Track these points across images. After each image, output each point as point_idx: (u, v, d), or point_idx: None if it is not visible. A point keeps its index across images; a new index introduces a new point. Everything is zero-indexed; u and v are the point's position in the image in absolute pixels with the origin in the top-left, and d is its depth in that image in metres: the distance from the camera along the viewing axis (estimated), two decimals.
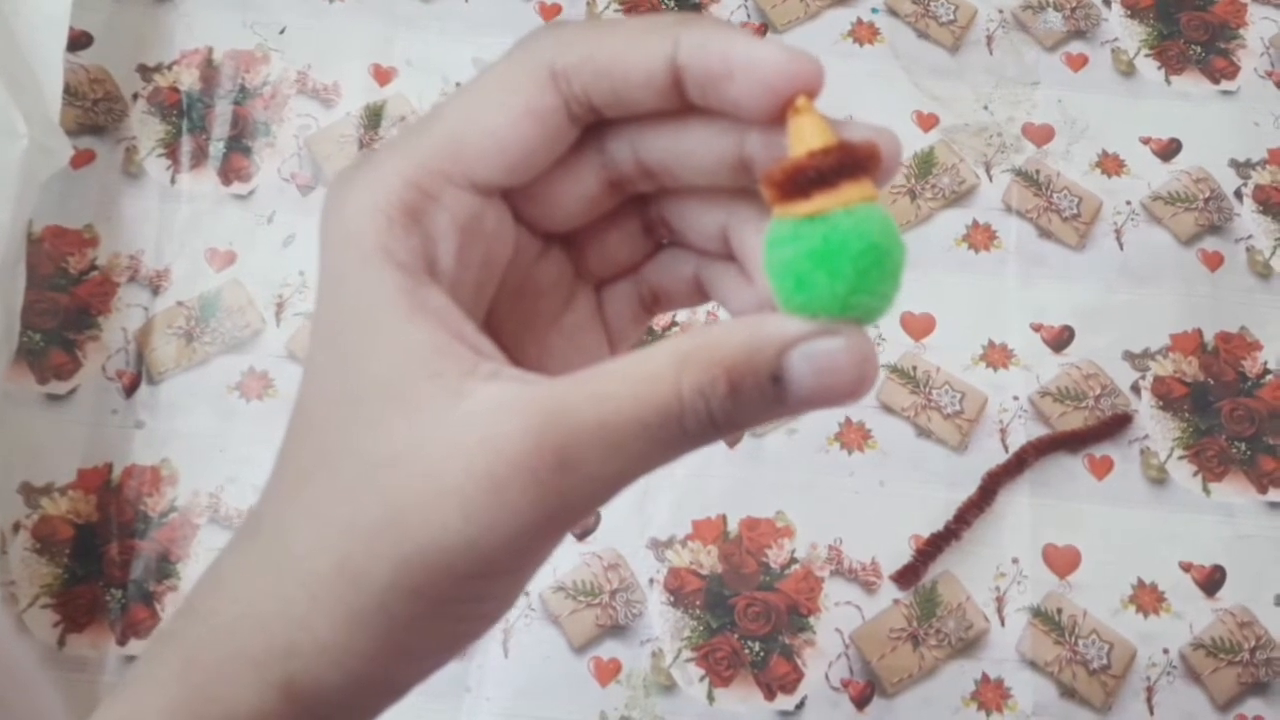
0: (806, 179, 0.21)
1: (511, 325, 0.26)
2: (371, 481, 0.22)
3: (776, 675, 0.49)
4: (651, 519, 0.51)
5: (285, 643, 0.22)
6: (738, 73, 0.22)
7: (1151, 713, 0.48)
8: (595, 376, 0.22)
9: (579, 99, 0.23)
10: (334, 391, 0.23)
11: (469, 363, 0.22)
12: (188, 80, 0.58)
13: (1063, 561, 0.51)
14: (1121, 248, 0.57)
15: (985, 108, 0.60)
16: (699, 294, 0.27)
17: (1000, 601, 0.50)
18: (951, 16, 0.61)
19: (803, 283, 0.21)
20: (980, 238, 0.57)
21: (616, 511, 0.51)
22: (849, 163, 0.21)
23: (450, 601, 0.22)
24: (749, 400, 0.21)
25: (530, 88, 0.23)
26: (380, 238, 0.22)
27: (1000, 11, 0.62)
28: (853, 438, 0.53)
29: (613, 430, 0.21)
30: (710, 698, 0.48)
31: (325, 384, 0.23)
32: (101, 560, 0.49)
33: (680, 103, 0.23)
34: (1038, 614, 0.50)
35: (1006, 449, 0.52)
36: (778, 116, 0.22)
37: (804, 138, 0.22)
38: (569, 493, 0.21)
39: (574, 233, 0.27)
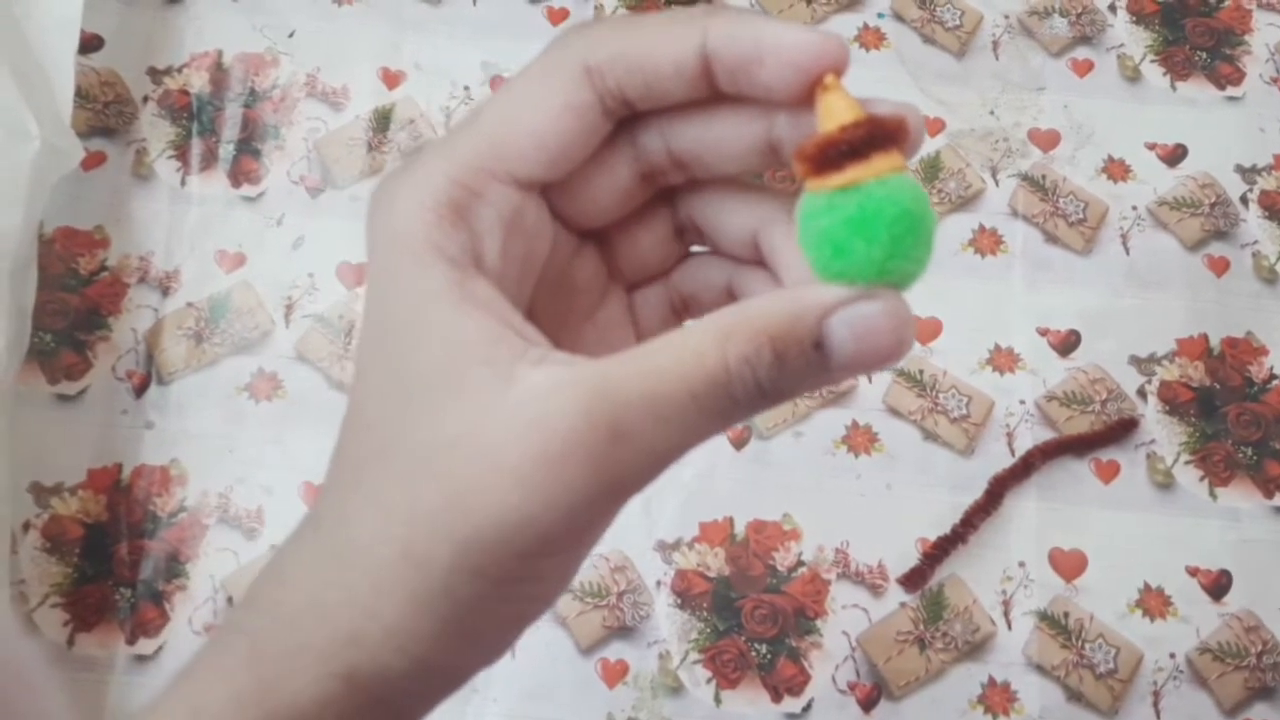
0: (839, 152, 0.22)
1: (548, 320, 0.26)
2: (429, 467, 0.23)
3: (783, 678, 0.49)
4: (658, 521, 0.51)
5: (349, 631, 0.23)
6: (767, 56, 0.23)
7: (1158, 717, 0.48)
8: (642, 353, 0.22)
9: (613, 93, 0.24)
10: (388, 384, 0.24)
11: (518, 349, 0.22)
12: (198, 83, 0.59)
13: (1069, 565, 0.51)
14: (1127, 252, 0.57)
15: (991, 113, 0.60)
16: (729, 301, 0.28)
17: (1007, 605, 0.50)
18: (957, 22, 0.62)
19: (840, 250, 0.22)
20: (986, 242, 0.57)
21: (623, 514, 0.51)
22: (879, 135, 0.22)
23: (511, 581, 0.23)
24: (794, 367, 0.22)
25: (566, 85, 0.24)
26: (429, 234, 0.23)
27: (1006, 17, 0.62)
28: (860, 441, 0.53)
29: (663, 402, 0.22)
30: (717, 700, 0.48)
31: (379, 378, 0.24)
32: (111, 560, 0.50)
33: (710, 92, 0.24)
34: (1044, 618, 0.50)
35: (1013, 453, 0.52)
36: (806, 97, 0.23)
37: (834, 114, 0.22)
38: (622, 465, 0.22)
39: (607, 233, 0.27)
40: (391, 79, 0.59)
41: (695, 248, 0.28)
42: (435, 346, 0.23)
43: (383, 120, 0.58)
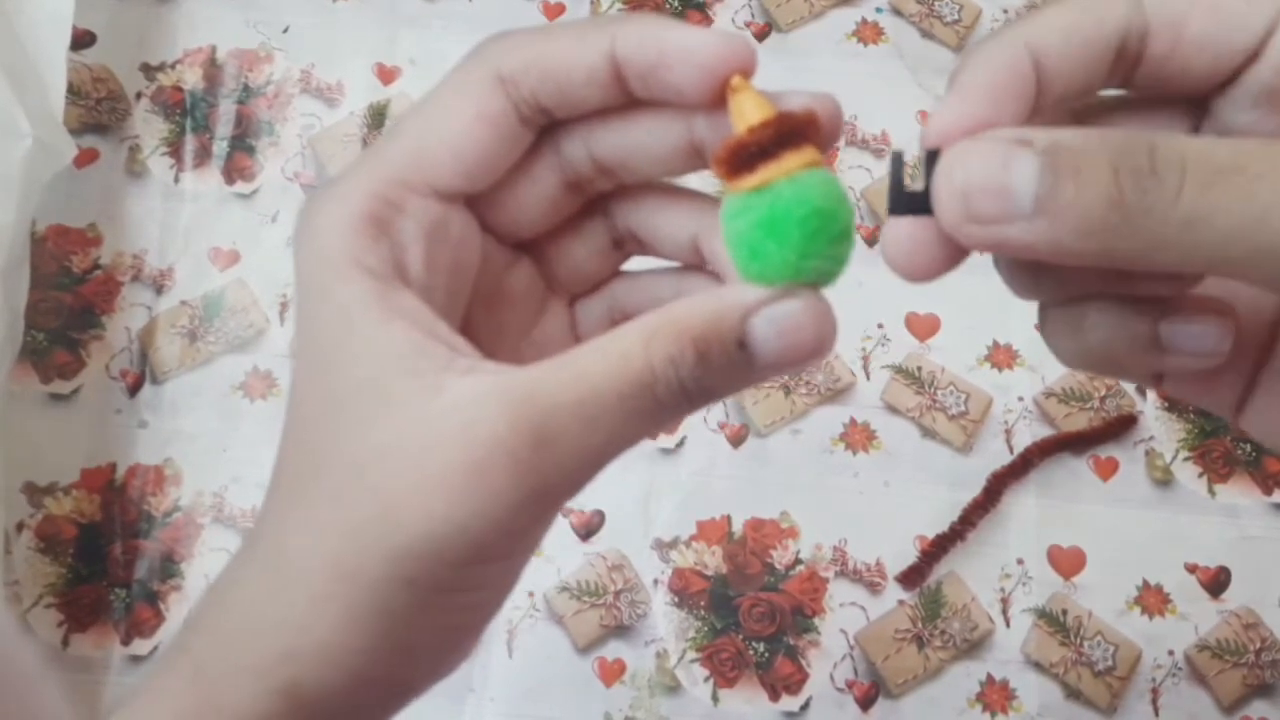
0: (749, 153, 0.22)
1: (485, 335, 0.27)
2: (359, 480, 0.23)
3: (781, 676, 0.49)
4: (656, 519, 0.51)
5: (285, 647, 0.23)
6: (674, 60, 0.23)
7: (1157, 714, 0.48)
8: (568, 358, 0.22)
9: (528, 101, 0.24)
10: (318, 398, 0.24)
11: (444, 359, 0.23)
12: (191, 79, 0.58)
13: (1068, 563, 0.51)
14: None
15: None
16: None
17: (1005, 602, 0.50)
18: (956, 16, 0.61)
19: (756, 252, 0.22)
20: None
21: (621, 512, 0.51)
22: (787, 132, 0.22)
23: (445, 591, 0.23)
24: (718, 366, 0.22)
25: (480, 95, 0.24)
26: (350, 248, 0.23)
27: (1005, 11, 0.62)
28: (857, 438, 0.52)
29: (588, 404, 0.22)
30: (715, 698, 0.48)
31: (310, 392, 0.24)
32: (105, 560, 0.49)
33: (625, 98, 0.24)
34: (1043, 615, 0.50)
35: (1011, 450, 0.52)
36: (719, 99, 0.23)
37: (744, 114, 0.23)
38: (549, 470, 0.22)
39: (542, 245, 0.27)
40: (386, 75, 0.59)
41: (634, 261, 0.28)
42: (362, 359, 0.23)
43: (378, 116, 0.58)
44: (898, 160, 0.23)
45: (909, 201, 0.23)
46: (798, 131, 0.22)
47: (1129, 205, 0.20)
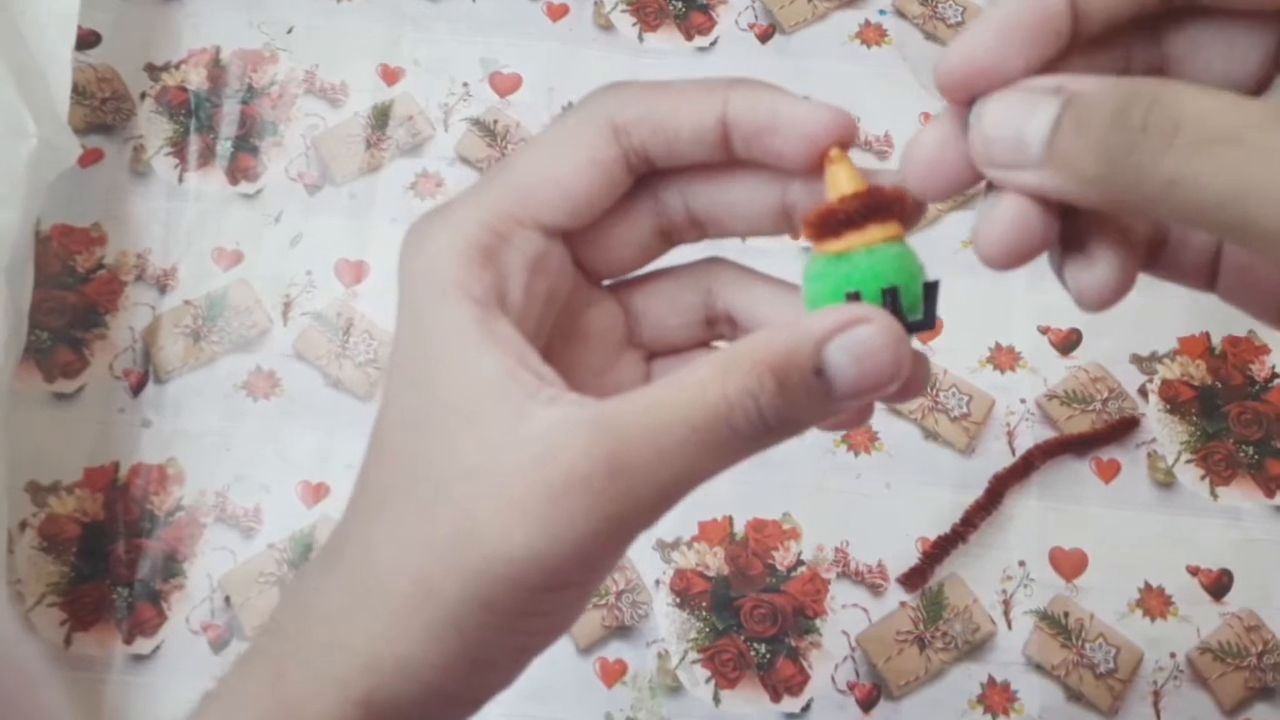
0: (836, 220, 0.24)
1: (559, 368, 0.27)
2: (445, 498, 0.23)
3: (783, 677, 0.49)
4: None
5: (366, 659, 0.24)
6: (781, 127, 0.24)
7: (1158, 717, 0.48)
8: (645, 390, 0.23)
9: (637, 151, 0.25)
10: (410, 416, 0.25)
11: (532, 387, 0.23)
12: (195, 80, 0.58)
13: (1069, 565, 0.51)
14: None
15: None
16: None
17: (1007, 604, 0.50)
18: (959, 18, 0.61)
19: None
20: None
21: None
22: (875, 206, 0.24)
23: (519, 615, 0.24)
24: (796, 395, 0.23)
25: (593, 140, 0.25)
26: (457, 274, 0.24)
27: None
28: (860, 440, 0.53)
29: (661, 435, 0.22)
30: (716, 699, 0.48)
31: (402, 409, 0.25)
32: (108, 559, 0.49)
33: (726, 155, 0.25)
34: (1044, 617, 0.50)
35: (1014, 452, 0.52)
36: (816, 166, 0.25)
37: (838, 184, 0.25)
38: (623, 500, 0.22)
39: (632, 294, 0.29)
40: (390, 75, 0.59)
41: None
42: (456, 380, 0.24)
43: (382, 117, 0.58)
44: (931, 288, 0.25)
45: (909, 329, 0.24)
46: (884, 206, 0.24)
47: (1115, 159, 0.20)
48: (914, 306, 0.24)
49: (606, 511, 0.22)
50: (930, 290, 0.24)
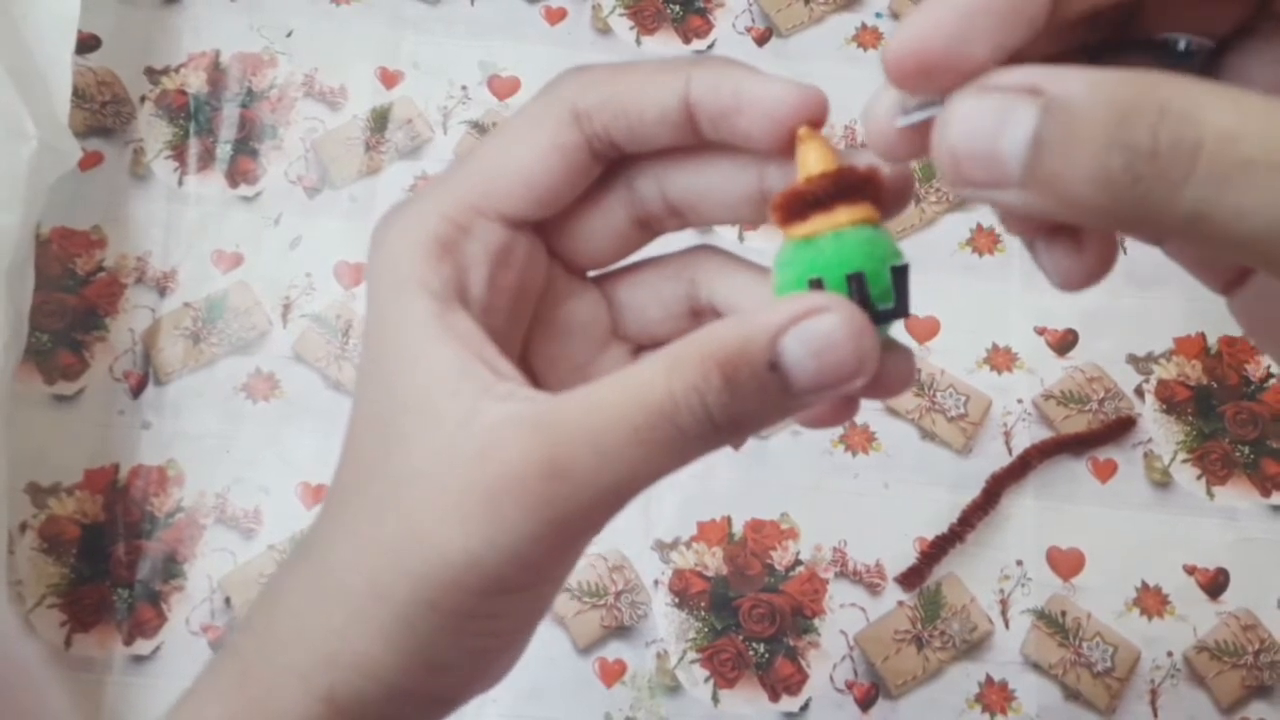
0: (803, 203, 0.22)
1: (538, 362, 0.27)
2: (396, 499, 0.23)
3: (781, 677, 0.49)
4: (656, 520, 0.51)
5: (325, 655, 0.24)
6: (746, 106, 0.23)
7: (1155, 715, 0.48)
8: (588, 388, 0.22)
9: (600, 136, 0.24)
10: (372, 414, 0.24)
11: (486, 382, 0.23)
12: (195, 83, 0.59)
13: (1067, 564, 0.51)
14: (1125, 251, 0.57)
15: None
16: None
17: (1004, 604, 0.50)
18: None
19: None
20: (984, 241, 0.57)
21: (621, 513, 0.51)
22: (844, 186, 0.22)
23: (466, 617, 0.23)
24: (747, 392, 0.21)
25: (554, 126, 0.24)
26: (415, 267, 0.24)
27: None
28: (857, 440, 0.53)
29: (602, 435, 0.21)
30: (715, 699, 0.48)
31: (366, 407, 0.25)
32: (108, 560, 0.50)
33: (694, 138, 0.24)
34: (1042, 616, 0.50)
35: (1010, 452, 0.52)
36: (787, 147, 0.23)
37: (806, 164, 0.23)
38: (563, 503, 0.21)
39: (615, 285, 0.28)
40: (389, 78, 0.59)
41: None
42: (413, 376, 0.23)
43: (380, 120, 0.58)
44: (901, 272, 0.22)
45: (879, 318, 0.22)
46: (856, 186, 0.22)
47: (1117, 189, 0.17)
48: (884, 295, 0.22)
49: (545, 515, 0.21)
50: (899, 275, 0.22)
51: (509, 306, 0.25)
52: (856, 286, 0.22)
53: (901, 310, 0.22)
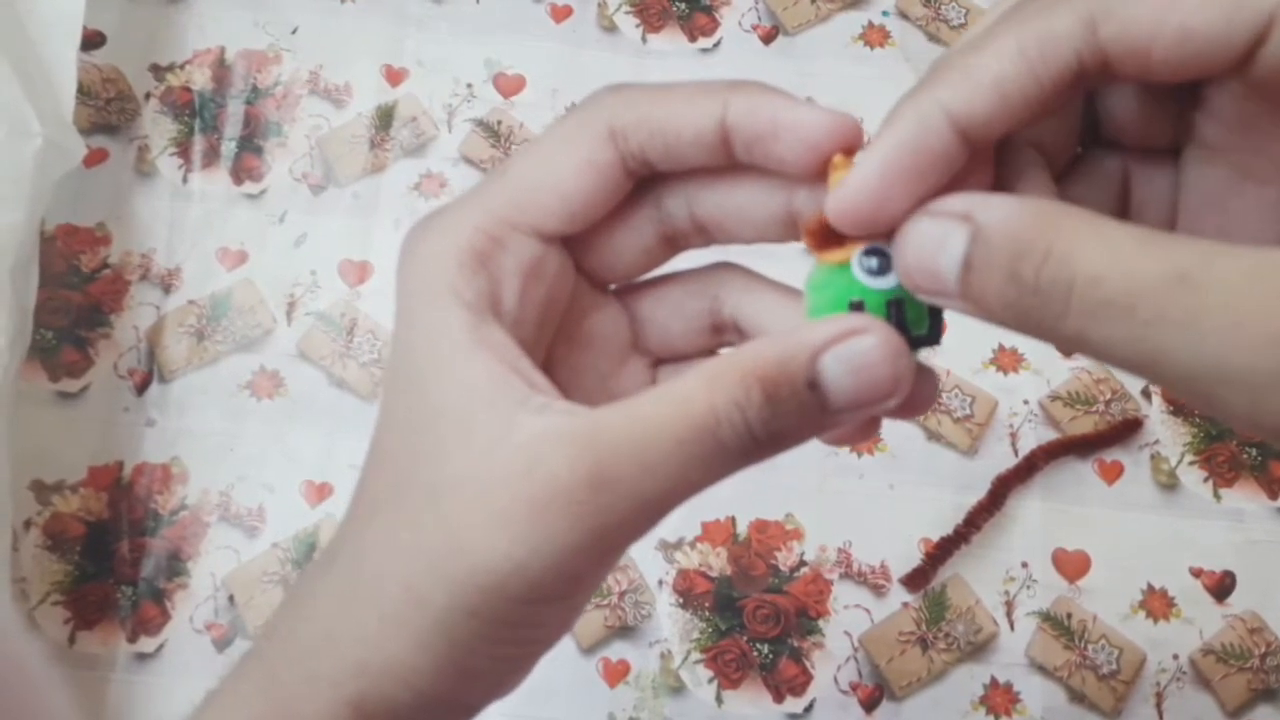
0: (836, 229, 0.23)
1: (562, 374, 0.27)
2: (434, 507, 0.23)
3: (785, 678, 0.49)
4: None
5: (356, 661, 0.24)
6: (782, 132, 0.24)
7: (1161, 718, 0.48)
8: (631, 401, 0.22)
9: (635, 154, 0.25)
10: (403, 422, 0.25)
11: (522, 394, 0.23)
12: (200, 80, 0.59)
13: (1072, 566, 0.51)
14: None
15: None
16: None
17: (1009, 605, 0.50)
18: (962, 20, 0.61)
19: None
20: None
21: None
22: None
23: (506, 625, 0.23)
24: (787, 408, 0.22)
25: (590, 142, 0.25)
26: (449, 279, 0.24)
27: None
28: None
29: (646, 448, 0.22)
30: (719, 700, 0.48)
31: (396, 415, 0.25)
32: (112, 558, 0.50)
33: (727, 160, 0.25)
34: (1047, 618, 0.50)
35: (1016, 453, 0.52)
36: (819, 173, 0.24)
37: None
38: (606, 514, 0.22)
39: (638, 299, 0.28)
40: (394, 76, 0.59)
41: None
42: (447, 386, 0.24)
43: (385, 117, 0.58)
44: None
45: (914, 343, 0.23)
46: None
47: (1019, 313, 0.20)
48: (919, 320, 0.23)
49: (589, 525, 0.22)
50: (935, 312, 0.23)
51: (537, 319, 0.26)
52: (895, 311, 0.23)
53: (934, 338, 0.24)
